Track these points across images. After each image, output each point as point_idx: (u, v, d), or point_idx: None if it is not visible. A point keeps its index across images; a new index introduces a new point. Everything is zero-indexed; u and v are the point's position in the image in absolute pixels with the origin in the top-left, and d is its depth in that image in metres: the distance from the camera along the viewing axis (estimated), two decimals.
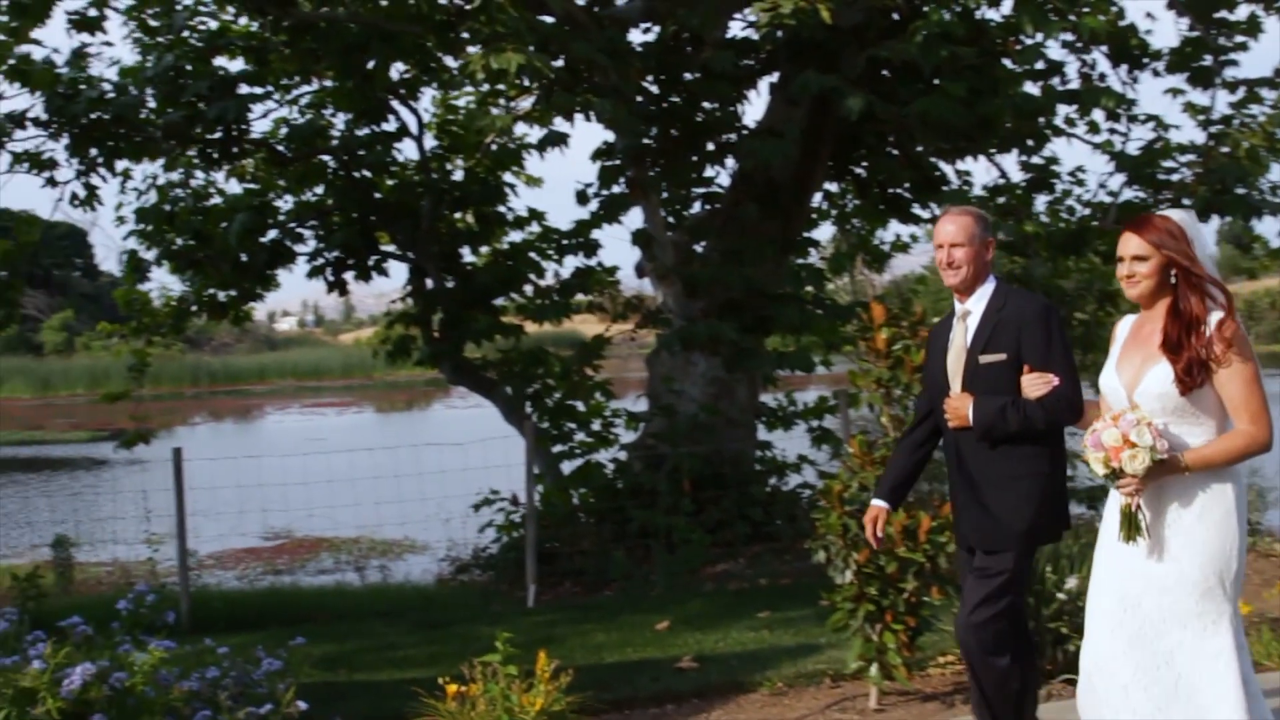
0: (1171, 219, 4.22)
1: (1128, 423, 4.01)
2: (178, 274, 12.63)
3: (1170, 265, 4.13)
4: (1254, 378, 4.07)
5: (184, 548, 9.87)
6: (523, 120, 13.15)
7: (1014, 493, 4.70)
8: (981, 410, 4.73)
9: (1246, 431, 4.05)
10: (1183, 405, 4.08)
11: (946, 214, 4.96)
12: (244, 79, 10.89)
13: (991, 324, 4.78)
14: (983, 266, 4.86)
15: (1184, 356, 4.04)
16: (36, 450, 30.57)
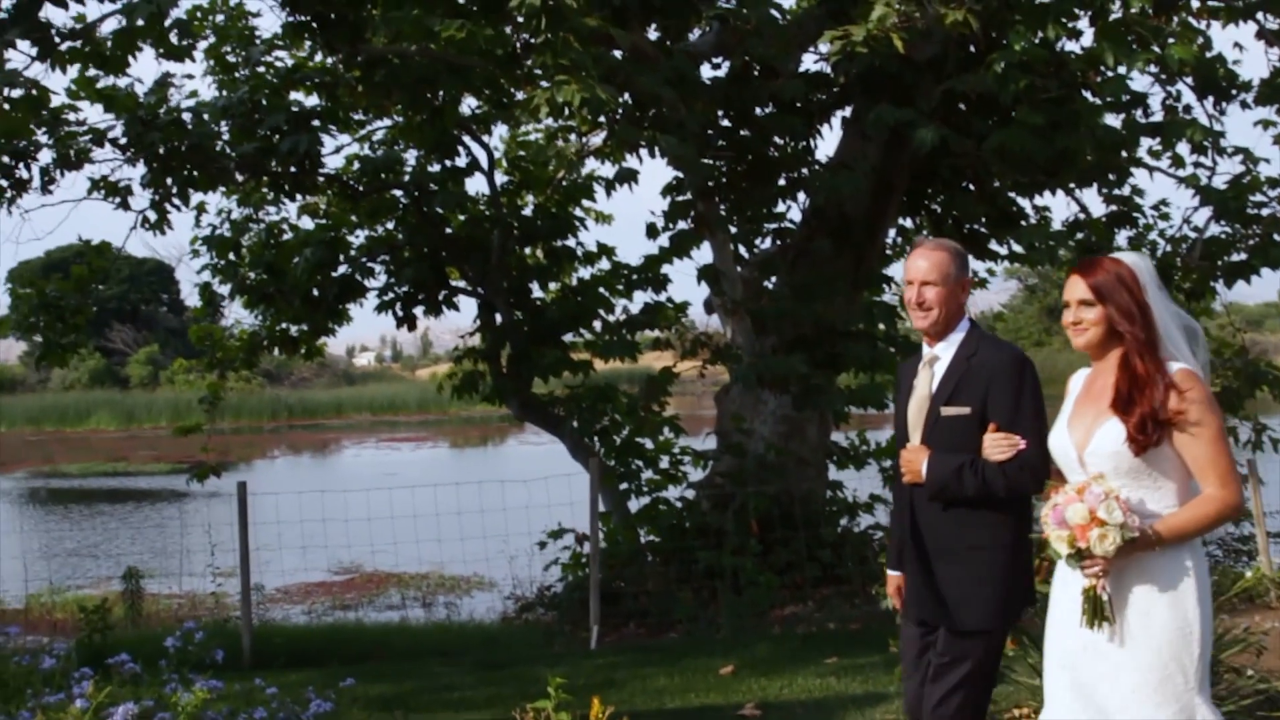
0: (1124, 262, 3.87)
1: (1095, 497, 3.62)
2: (250, 308, 12.72)
3: (1119, 315, 3.80)
4: (1219, 435, 3.73)
5: (247, 582, 9.84)
6: (594, 156, 13.12)
7: (973, 565, 4.24)
8: (936, 467, 4.29)
9: (1216, 496, 3.70)
10: (1137, 467, 3.73)
11: (920, 247, 4.54)
12: (317, 114, 10.95)
13: (959, 373, 4.35)
14: (956, 308, 4.42)
15: (1136, 413, 3.70)
16: (120, 481, 31.09)
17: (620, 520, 11.69)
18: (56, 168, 10.02)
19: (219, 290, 12.49)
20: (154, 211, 10.44)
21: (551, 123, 11.54)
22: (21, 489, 30.74)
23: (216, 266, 12.32)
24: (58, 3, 7.88)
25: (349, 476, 27.42)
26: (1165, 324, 3.83)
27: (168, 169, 10.07)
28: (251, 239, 12.46)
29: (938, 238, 4.88)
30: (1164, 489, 3.73)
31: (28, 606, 13.42)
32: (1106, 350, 3.84)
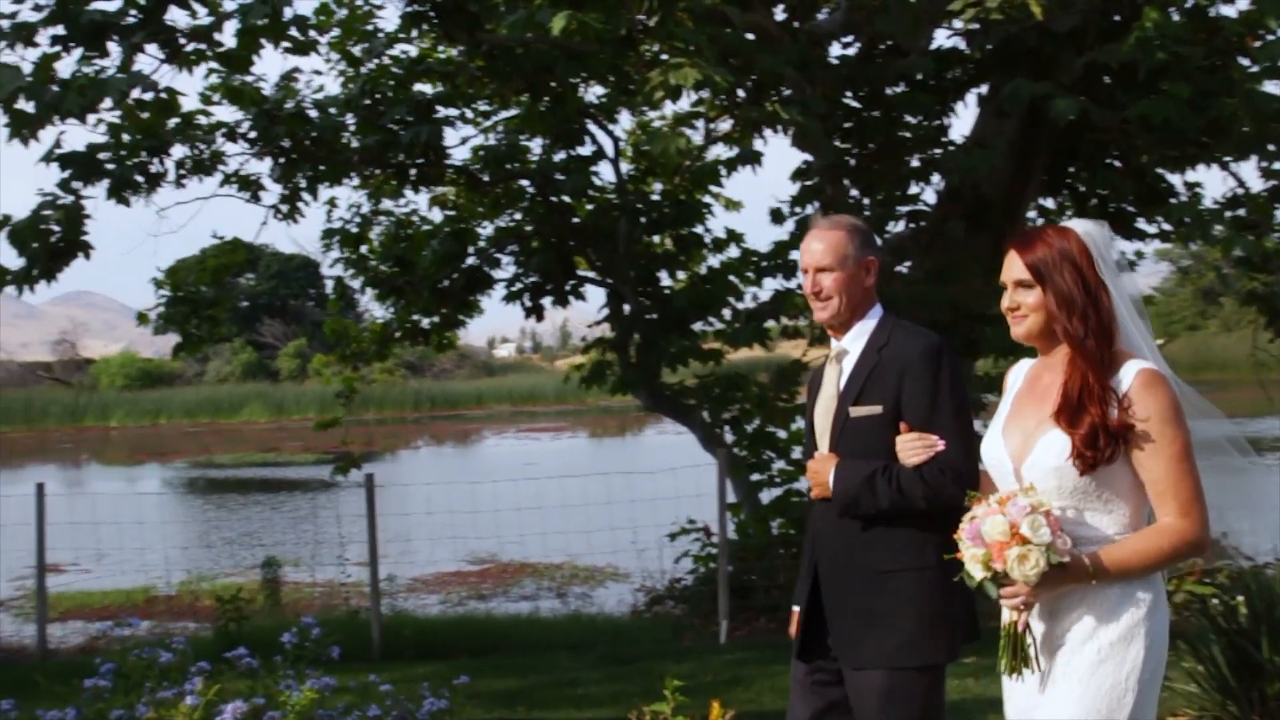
0: (1073, 233, 3.17)
1: (1019, 510, 2.98)
2: (381, 301, 12.84)
3: (1058, 302, 3.11)
4: (1183, 453, 3.03)
5: (375, 574, 9.91)
6: (722, 142, 12.89)
7: (887, 591, 3.62)
8: (843, 476, 3.66)
9: (1173, 528, 3.02)
10: (1085, 487, 3.06)
11: (813, 229, 3.92)
12: (438, 102, 10.96)
13: (868, 368, 3.74)
14: (861, 294, 3.81)
15: (1084, 422, 3.03)
16: (271, 472, 32.02)
17: (751, 512, 11.47)
18: (191, 170, 10.23)
19: (351, 284, 12.63)
20: (284, 204, 10.59)
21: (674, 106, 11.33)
22: (181, 478, 31.88)
23: (348, 260, 12.46)
24: (182, 5, 8.01)
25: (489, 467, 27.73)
26: (1124, 312, 3.15)
27: (295, 163, 10.19)
28: (381, 232, 12.56)
29: (834, 215, 4.16)
30: (1116, 511, 3.08)
31: (179, 593, 13.82)
32: (1054, 342, 3.17)
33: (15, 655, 10.46)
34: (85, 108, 7.85)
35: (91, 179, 9.10)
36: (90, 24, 7.83)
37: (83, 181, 9.02)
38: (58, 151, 8.80)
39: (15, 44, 7.89)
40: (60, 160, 8.88)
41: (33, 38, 7.88)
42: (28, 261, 8.91)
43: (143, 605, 13.31)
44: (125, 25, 7.90)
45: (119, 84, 7.75)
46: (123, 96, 7.92)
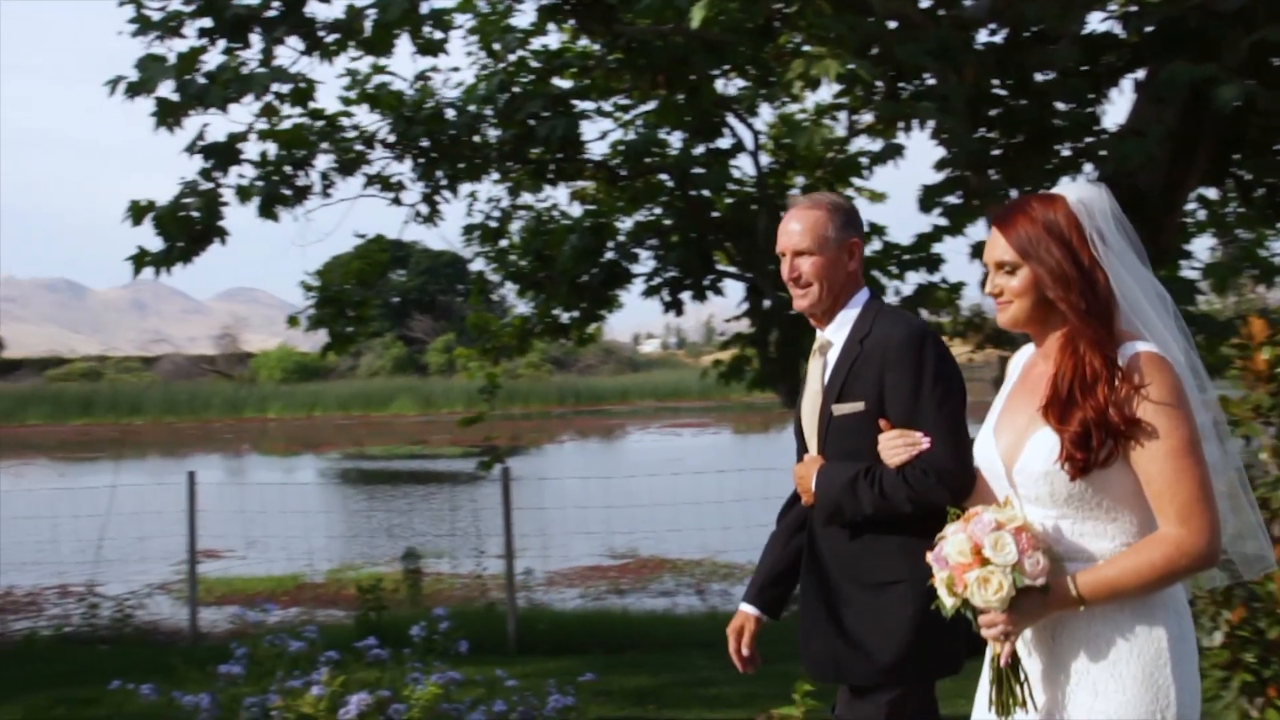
0: (1062, 202, 2.76)
1: (983, 526, 2.63)
2: (521, 295, 12.92)
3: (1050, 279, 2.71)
4: (1184, 447, 2.60)
5: (511, 567, 9.98)
6: (866, 134, 12.63)
7: (880, 603, 3.29)
8: (825, 480, 3.36)
9: (1170, 538, 2.60)
10: (1080, 493, 2.66)
11: (791, 209, 3.58)
12: (575, 96, 10.97)
13: (850, 360, 3.41)
14: (845, 279, 3.48)
15: (1075, 418, 2.63)
16: (419, 464, 32.68)
17: None
18: (336, 172, 10.44)
19: (491, 278, 12.74)
20: (425, 205, 10.73)
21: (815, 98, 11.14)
22: (334, 469, 32.76)
23: (488, 254, 12.57)
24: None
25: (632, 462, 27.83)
26: (1126, 288, 2.73)
27: (434, 161, 10.31)
28: (521, 226, 12.64)
29: (816, 193, 3.75)
30: (1121, 520, 2.68)
31: (326, 581, 14.16)
32: (1047, 329, 2.79)
33: (170, 637, 10.83)
34: (227, 100, 8.09)
35: (230, 168, 9.35)
36: (234, 17, 8.06)
37: (222, 171, 9.28)
38: (200, 143, 9.06)
39: (164, 35, 8.17)
40: (203, 151, 9.16)
41: (180, 29, 8.16)
42: (167, 245, 9.23)
43: (292, 592, 13.68)
44: (268, 18, 8.11)
45: (261, 79, 7.98)
46: (263, 90, 8.14)
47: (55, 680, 8.72)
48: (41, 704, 7.97)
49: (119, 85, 8.39)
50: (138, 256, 9.32)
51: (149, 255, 9.31)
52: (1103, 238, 2.74)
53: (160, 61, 8.13)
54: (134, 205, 9.28)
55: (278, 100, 8.87)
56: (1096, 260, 2.72)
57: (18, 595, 13.09)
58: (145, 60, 8.37)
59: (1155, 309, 2.77)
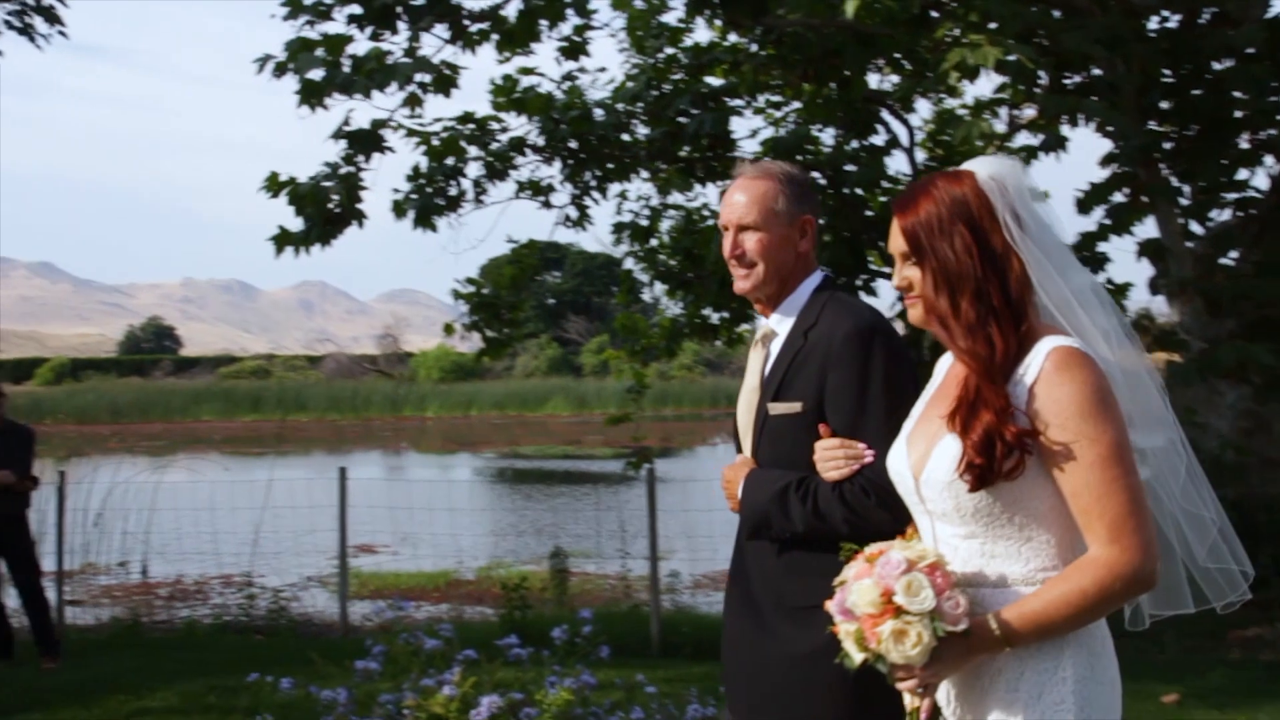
0: (970, 179, 2.41)
1: (892, 568, 2.27)
2: (671, 295, 12.82)
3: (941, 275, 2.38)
4: (1110, 455, 2.25)
5: (655, 568, 9.87)
6: (1026, 128, 12.19)
7: (806, 636, 2.80)
8: (753, 488, 2.96)
9: (1100, 560, 2.26)
10: (987, 508, 2.33)
11: (738, 178, 3.15)
12: (723, 92, 10.83)
13: (792, 353, 2.99)
14: (792, 261, 3.06)
15: (977, 425, 2.30)
16: (572, 464, 32.93)
17: None
18: (487, 178, 10.53)
19: (640, 278, 12.68)
20: (574, 208, 10.73)
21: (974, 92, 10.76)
22: (489, 468, 33.25)
23: (637, 254, 12.51)
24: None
25: None
26: (1045, 276, 2.39)
27: (582, 163, 10.30)
28: (671, 225, 12.54)
29: (766, 161, 3.28)
30: (1036, 540, 2.34)
31: (477, 578, 14.29)
32: None
33: (322, 630, 11.03)
34: (371, 88, 8.20)
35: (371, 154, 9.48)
36: (382, 4, 8.17)
37: (364, 157, 9.41)
38: (345, 129, 9.20)
39: (314, 20, 8.34)
40: (347, 136, 9.30)
41: (330, 13, 8.31)
42: (307, 225, 9.39)
43: (442, 588, 13.83)
44: (414, 6, 8.20)
45: (404, 69, 8.06)
46: (407, 80, 8.23)
47: (211, 668, 8.94)
48: (196, 690, 8.17)
49: (268, 64, 8.59)
50: (279, 236, 9.51)
51: (290, 235, 9.50)
52: (1018, 219, 2.39)
53: (309, 47, 8.30)
54: (272, 177, 9.46)
55: (421, 90, 8.95)
56: (1011, 245, 2.37)
57: (186, 584, 13.52)
58: (294, 44, 8.55)
59: (1081, 298, 2.42)
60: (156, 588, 13.04)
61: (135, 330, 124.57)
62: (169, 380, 66.42)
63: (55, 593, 10.97)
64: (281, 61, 8.53)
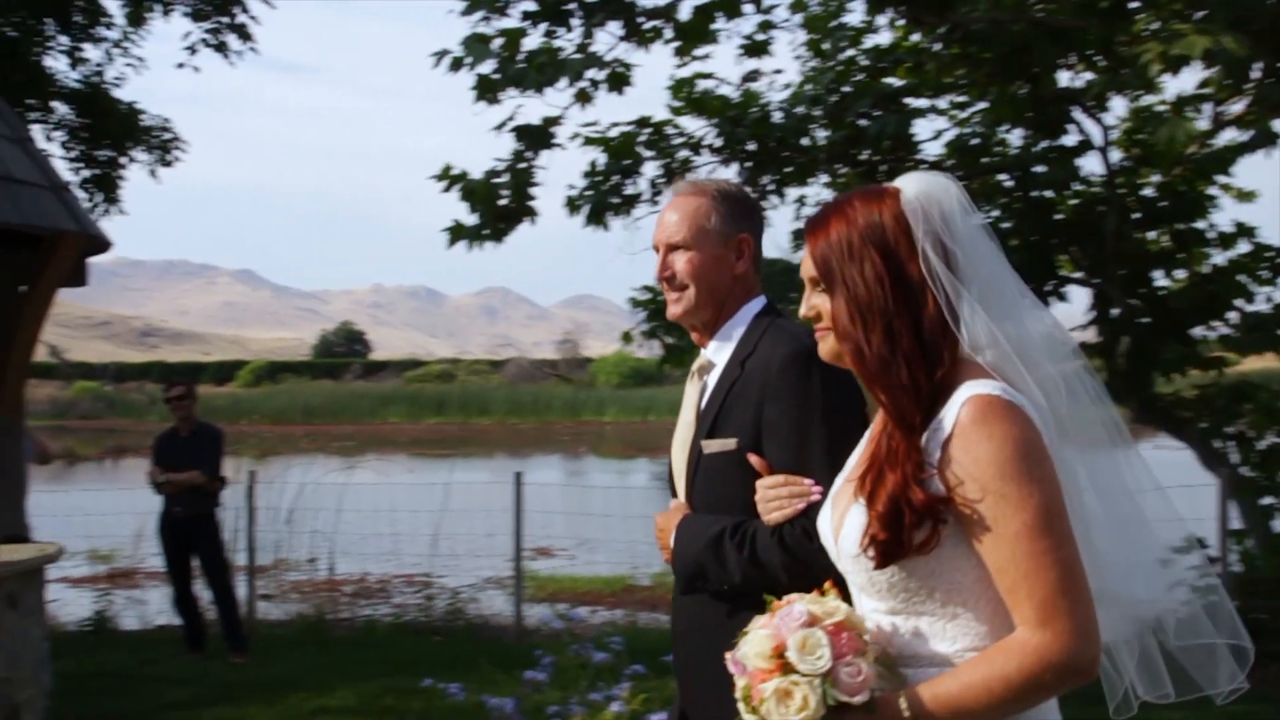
0: (891, 200, 2.12)
1: (791, 621, 2.01)
2: None
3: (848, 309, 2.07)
4: (1037, 525, 1.93)
5: None
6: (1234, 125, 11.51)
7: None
8: (686, 536, 2.69)
9: (1031, 645, 1.94)
10: (903, 584, 2.04)
11: (672, 196, 2.92)
12: (905, 93, 10.51)
13: (728, 385, 2.74)
14: (729, 284, 2.83)
15: (882, 493, 2.01)
16: None
17: (1260, 541, 10.12)
18: (663, 180, 10.45)
19: None
20: None
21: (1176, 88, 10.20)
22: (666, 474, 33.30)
23: None
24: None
25: None
26: (972, 311, 2.06)
27: (760, 166, 10.13)
28: None
29: (702, 178, 3.07)
30: (962, 620, 2.04)
31: (653, 585, 14.26)
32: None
33: (498, 632, 11.13)
34: (543, 84, 8.22)
35: (541, 151, 9.50)
36: (555, 1, 8.20)
37: (534, 153, 9.43)
38: (513, 123, 9.26)
39: (491, 15, 8.43)
40: (516, 131, 9.34)
41: (505, 9, 8.38)
42: (480, 220, 9.46)
43: (619, 594, 13.84)
44: (588, 3, 8.20)
45: (575, 65, 8.08)
46: (577, 76, 8.23)
47: (388, 668, 9.09)
48: (373, 692, 8.31)
49: (444, 59, 8.71)
50: (453, 229, 9.61)
51: (464, 229, 9.59)
52: (942, 248, 2.07)
53: (485, 41, 8.40)
54: (446, 169, 9.57)
55: (592, 86, 8.93)
56: (931, 276, 2.06)
57: (369, 582, 13.86)
58: (471, 39, 8.64)
59: (1018, 334, 2.09)
60: (342, 585, 13.39)
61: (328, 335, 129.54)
62: (358, 383, 68.73)
63: (247, 588, 11.36)
64: (458, 56, 8.65)
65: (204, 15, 13.20)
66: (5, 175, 5.15)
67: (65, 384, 64.32)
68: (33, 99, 13.07)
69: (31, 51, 13.01)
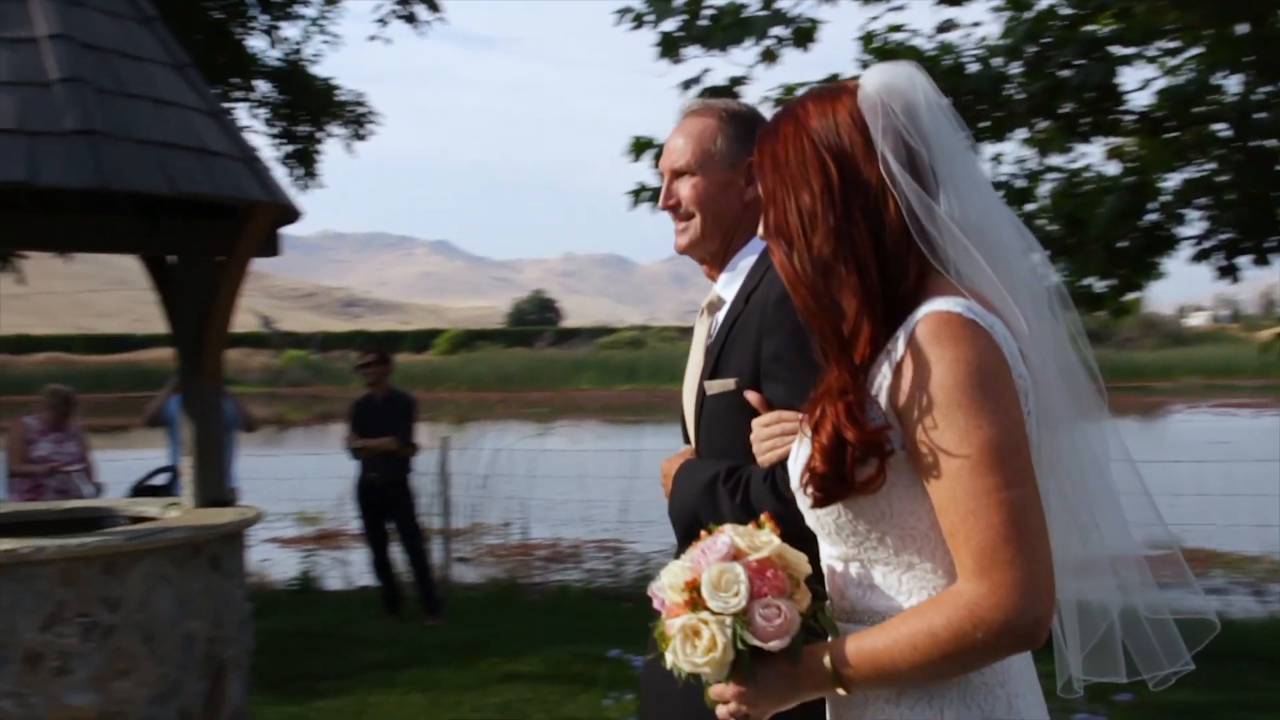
0: (848, 98, 1.87)
1: (713, 553, 1.81)
2: (1052, 263, 12.00)
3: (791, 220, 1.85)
4: (988, 462, 1.68)
5: None
6: None
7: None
8: (683, 483, 2.51)
9: (964, 599, 1.68)
10: (849, 526, 1.80)
11: (681, 116, 2.67)
12: (1110, 40, 9.90)
13: (731, 322, 2.53)
14: (739, 210, 2.57)
15: (825, 422, 1.77)
16: None
17: None
18: None
19: None
20: None
21: None
22: None
23: None
24: None
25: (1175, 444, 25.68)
26: (936, 220, 1.80)
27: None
28: (1051, 189, 11.69)
29: (712, 98, 2.88)
30: (918, 571, 1.79)
31: None
32: None
33: None
34: (727, 42, 8.08)
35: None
36: None
37: None
38: (697, 83, 9.13)
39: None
40: (701, 93, 9.18)
41: None
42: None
43: None
44: None
45: (760, 22, 7.91)
46: (762, 34, 8.06)
47: (579, 635, 9.14)
48: (563, 658, 8.35)
49: (626, 16, 8.65)
50: (637, 190, 9.52)
51: (647, 190, 9.50)
52: (905, 145, 1.82)
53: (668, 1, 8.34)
54: (636, 140, 9.48)
55: (777, 44, 8.71)
56: (890, 180, 1.80)
57: (562, 547, 14.01)
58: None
59: (992, 241, 1.82)
60: (535, 549, 13.56)
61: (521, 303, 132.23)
62: (551, 350, 69.93)
63: (442, 552, 11.60)
64: (640, 13, 8.57)
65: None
66: (200, 147, 5.26)
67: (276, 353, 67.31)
68: (236, 78, 13.53)
69: (234, 33, 13.45)
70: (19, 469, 9.42)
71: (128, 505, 6.67)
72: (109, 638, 5.17)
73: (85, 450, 9.81)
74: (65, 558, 5.07)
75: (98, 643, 5.14)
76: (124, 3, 5.68)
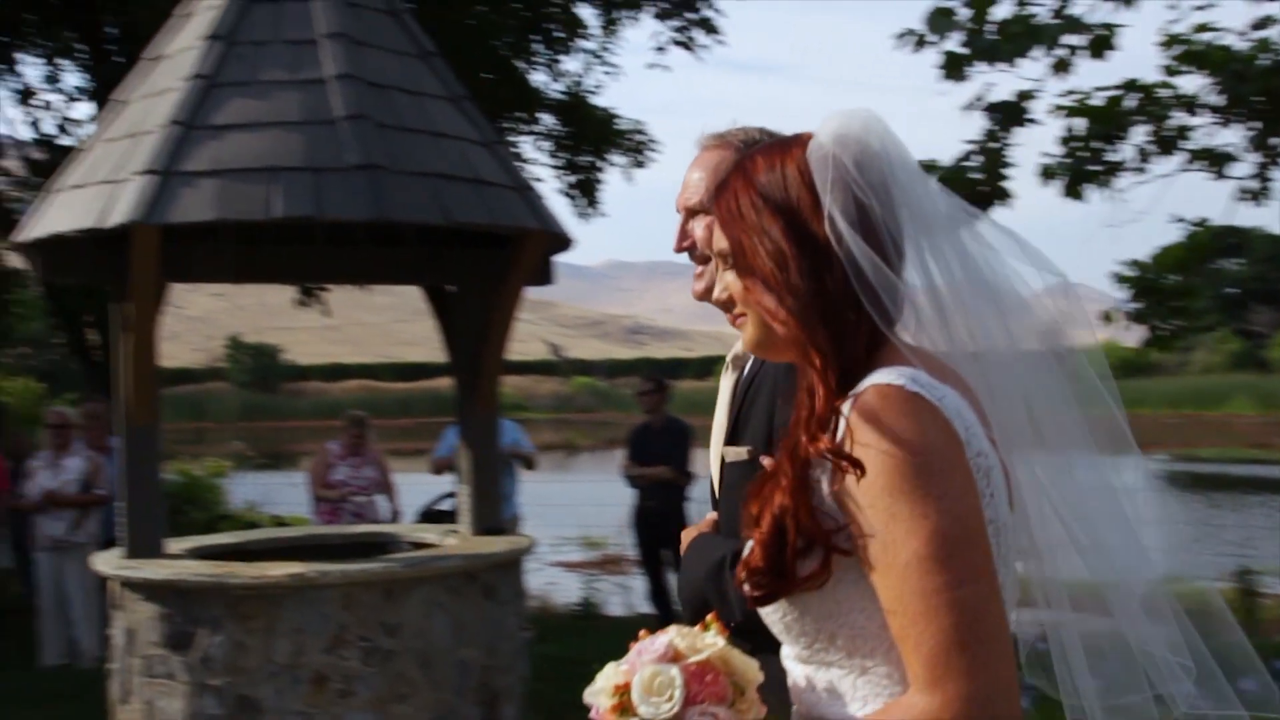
0: (798, 150, 1.66)
1: (649, 654, 1.62)
2: None
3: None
4: (937, 557, 1.44)
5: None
6: None
7: None
8: (691, 561, 2.26)
9: (914, 710, 1.45)
10: (799, 628, 1.60)
11: (698, 149, 2.42)
12: None
13: (750, 380, 2.30)
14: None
15: (767, 511, 1.57)
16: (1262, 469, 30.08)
17: None
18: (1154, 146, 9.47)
19: None
20: (1256, 180, 9.30)
21: None
22: (1160, 471, 31.04)
23: None
24: None
25: None
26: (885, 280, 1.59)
27: (1272, 126, 8.89)
28: None
29: (733, 128, 2.40)
30: (872, 675, 1.59)
31: None
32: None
33: None
34: (1015, 54, 7.68)
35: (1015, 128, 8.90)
36: None
37: (1007, 131, 8.83)
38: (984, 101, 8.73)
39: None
40: (987, 108, 8.78)
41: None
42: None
43: None
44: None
45: (1051, 30, 7.47)
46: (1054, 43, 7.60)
47: None
48: None
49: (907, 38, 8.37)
50: None
51: None
52: (855, 200, 1.62)
53: (949, 14, 7.98)
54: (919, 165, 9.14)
55: (1070, 53, 8.21)
56: (836, 238, 1.61)
57: None
58: (935, 13, 8.27)
59: (970, 293, 1.63)
60: None
61: None
62: None
63: None
64: (922, 34, 8.27)
65: (670, 14, 13.58)
66: (474, 178, 5.33)
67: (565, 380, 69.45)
68: (521, 112, 13.95)
69: (518, 68, 13.88)
70: (320, 493, 9.89)
71: (411, 531, 6.84)
72: (389, 662, 5.26)
73: (384, 474, 10.18)
74: (347, 582, 5.20)
75: (378, 666, 5.24)
76: (405, 40, 5.85)
